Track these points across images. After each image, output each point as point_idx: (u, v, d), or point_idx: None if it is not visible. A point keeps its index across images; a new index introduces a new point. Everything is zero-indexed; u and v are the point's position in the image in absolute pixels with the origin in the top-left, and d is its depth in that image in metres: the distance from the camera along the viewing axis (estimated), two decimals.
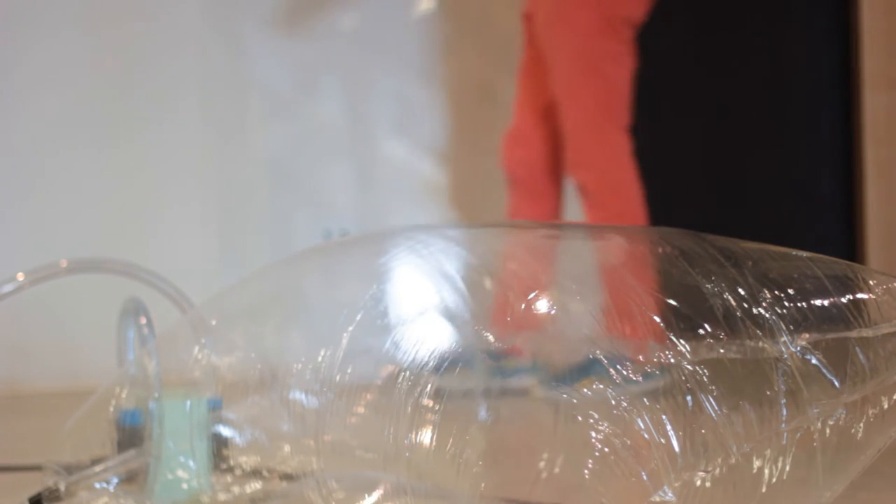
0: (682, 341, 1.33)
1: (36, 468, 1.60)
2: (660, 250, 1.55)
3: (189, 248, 3.04)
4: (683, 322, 1.40)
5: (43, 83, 3.00)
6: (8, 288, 2.04)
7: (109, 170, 3.03)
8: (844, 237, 3.04)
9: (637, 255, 1.74)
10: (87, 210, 3.02)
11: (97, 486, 1.48)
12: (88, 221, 3.01)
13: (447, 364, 1.33)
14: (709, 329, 1.35)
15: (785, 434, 1.31)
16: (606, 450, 1.38)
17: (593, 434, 1.40)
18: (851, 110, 3.03)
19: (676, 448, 1.32)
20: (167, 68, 3.03)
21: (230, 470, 1.49)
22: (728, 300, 1.32)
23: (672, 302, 1.38)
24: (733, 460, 1.37)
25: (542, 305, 1.40)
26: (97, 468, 1.50)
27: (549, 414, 1.71)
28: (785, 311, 1.30)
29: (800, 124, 3.05)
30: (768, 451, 1.32)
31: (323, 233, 3.09)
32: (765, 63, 3.04)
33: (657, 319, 1.42)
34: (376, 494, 1.32)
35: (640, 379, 1.38)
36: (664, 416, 1.31)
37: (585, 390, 1.50)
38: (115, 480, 1.50)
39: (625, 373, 1.33)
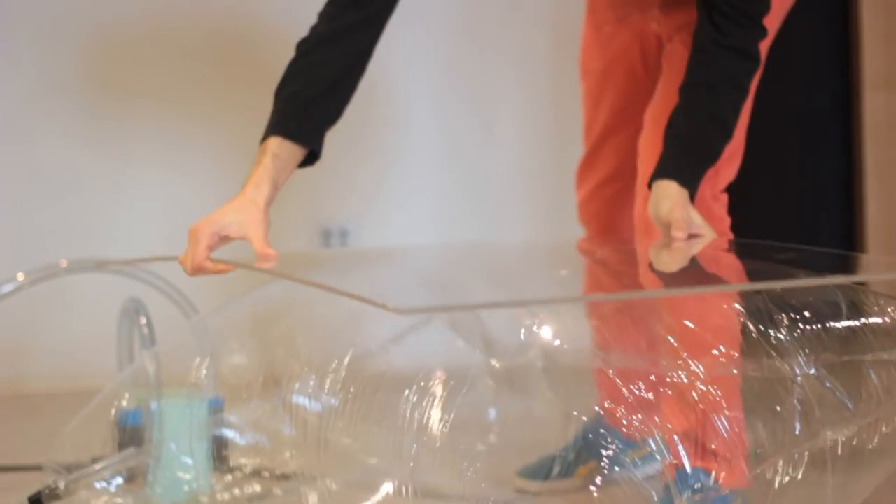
0: (695, 361, 1.34)
1: (36, 468, 1.60)
2: None
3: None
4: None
5: (41, 83, 3.00)
6: (8, 288, 2.04)
7: (110, 170, 3.02)
8: (844, 237, 3.04)
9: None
10: (87, 210, 3.02)
11: (97, 485, 1.48)
12: (88, 221, 3.01)
13: (455, 375, 1.33)
14: (722, 349, 1.36)
15: (797, 454, 1.31)
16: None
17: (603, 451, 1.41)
18: (851, 110, 3.03)
19: (688, 469, 1.34)
20: (167, 65, 3.03)
21: (230, 471, 1.49)
22: (745, 321, 1.33)
23: (688, 323, 1.39)
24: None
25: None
26: (96, 466, 1.50)
27: (558, 417, 1.72)
28: (800, 333, 1.31)
29: (800, 124, 3.05)
30: (780, 468, 1.32)
31: (322, 233, 3.09)
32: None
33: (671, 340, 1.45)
34: (377, 496, 1.32)
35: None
36: (675, 437, 1.33)
37: (596, 408, 1.52)
38: (117, 481, 1.50)
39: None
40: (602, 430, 1.67)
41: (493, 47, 3.16)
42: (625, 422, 1.47)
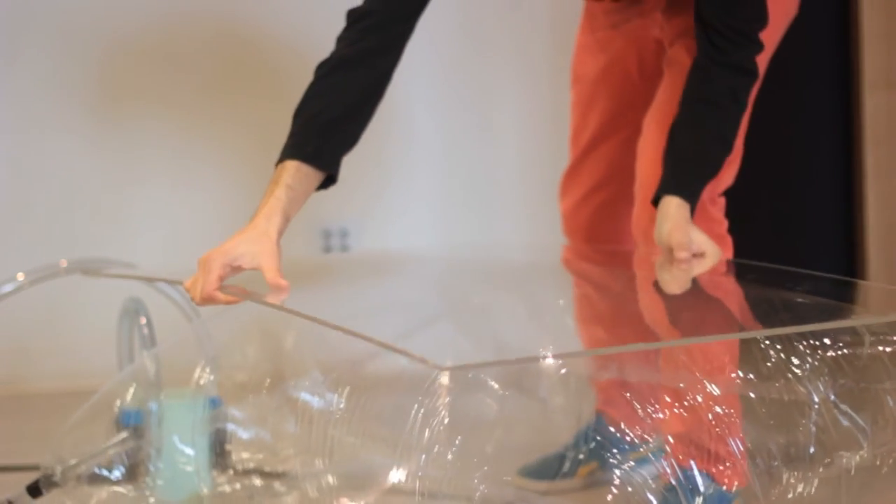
0: (712, 384, 1.35)
1: (35, 468, 1.60)
2: None
3: (187, 247, 3.03)
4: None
5: (48, 85, 3.00)
6: (8, 288, 2.04)
7: (113, 172, 3.03)
8: (844, 237, 3.04)
9: None
10: (88, 211, 3.02)
11: (98, 471, 1.48)
12: (90, 222, 3.01)
13: (462, 375, 1.34)
14: (740, 374, 1.37)
15: (810, 477, 1.33)
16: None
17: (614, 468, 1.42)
18: (851, 110, 3.03)
19: (701, 487, 1.35)
20: (174, 72, 3.04)
21: (231, 465, 1.49)
22: (764, 345, 1.34)
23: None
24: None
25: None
26: (93, 451, 1.50)
27: (568, 418, 1.73)
28: (819, 358, 1.33)
29: (800, 124, 3.05)
30: (793, 481, 1.33)
31: (322, 233, 3.09)
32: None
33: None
34: (377, 491, 1.32)
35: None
36: (692, 461, 1.34)
37: (620, 425, 1.53)
38: (117, 472, 1.50)
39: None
40: (602, 432, 1.68)
41: (492, 48, 3.16)
42: (625, 424, 1.48)
